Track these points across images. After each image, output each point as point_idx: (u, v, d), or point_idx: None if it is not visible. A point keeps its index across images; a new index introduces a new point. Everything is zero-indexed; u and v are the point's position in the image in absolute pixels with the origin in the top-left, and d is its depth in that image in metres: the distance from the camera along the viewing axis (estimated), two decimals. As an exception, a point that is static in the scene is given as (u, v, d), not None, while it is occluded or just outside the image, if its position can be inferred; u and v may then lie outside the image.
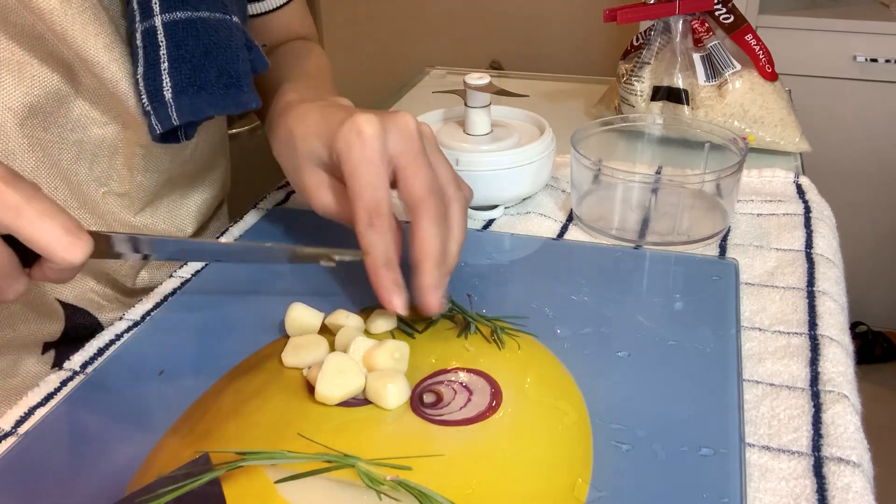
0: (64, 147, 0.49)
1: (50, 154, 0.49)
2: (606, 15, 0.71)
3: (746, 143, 0.55)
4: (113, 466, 0.35)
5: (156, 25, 0.47)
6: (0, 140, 0.46)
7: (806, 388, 0.39)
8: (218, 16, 0.49)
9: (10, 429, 0.38)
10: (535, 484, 0.33)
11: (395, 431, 0.36)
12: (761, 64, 0.69)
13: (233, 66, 0.48)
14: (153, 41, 0.46)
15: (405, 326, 0.44)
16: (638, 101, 0.72)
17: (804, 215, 0.55)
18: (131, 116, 0.49)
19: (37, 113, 0.47)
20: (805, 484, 0.33)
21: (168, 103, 0.47)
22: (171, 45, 0.47)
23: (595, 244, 0.53)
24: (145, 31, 0.47)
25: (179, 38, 0.47)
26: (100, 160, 0.52)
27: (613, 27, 0.76)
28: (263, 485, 0.33)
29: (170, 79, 0.47)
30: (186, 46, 0.47)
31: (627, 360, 0.41)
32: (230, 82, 0.48)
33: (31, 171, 0.48)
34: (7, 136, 0.46)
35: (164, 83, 0.46)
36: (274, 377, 0.40)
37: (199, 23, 0.47)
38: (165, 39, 0.46)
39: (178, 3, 0.47)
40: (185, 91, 0.47)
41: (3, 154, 0.47)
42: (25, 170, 0.48)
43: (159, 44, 0.46)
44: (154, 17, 0.47)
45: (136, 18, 0.47)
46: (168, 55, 0.46)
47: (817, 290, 0.46)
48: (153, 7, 0.46)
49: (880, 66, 1.61)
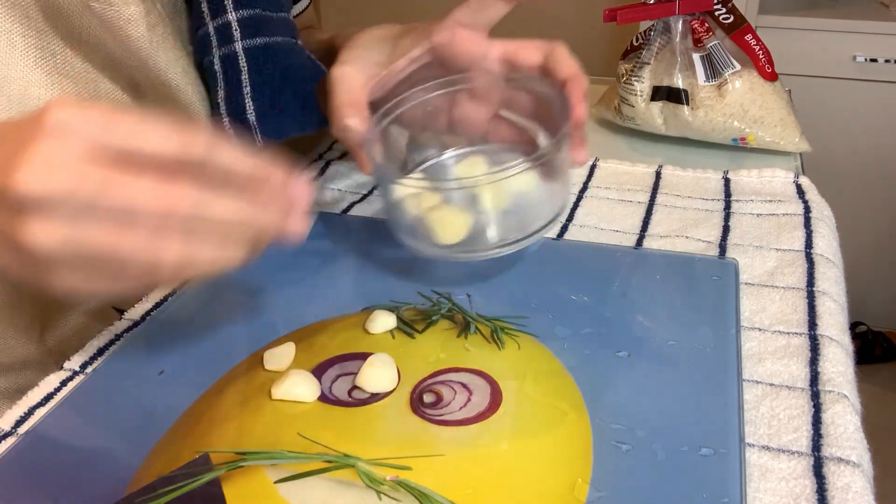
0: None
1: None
2: (606, 15, 0.71)
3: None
4: (113, 466, 0.35)
5: (237, 51, 0.50)
6: None
7: (806, 388, 0.39)
8: (288, 40, 0.52)
9: (10, 429, 0.38)
10: (535, 484, 0.33)
11: (395, 431, 0.36)
12: (761, 64, 0.69)
13: (306, 88, 0.51)
14: (234, 66, 0.50)
15: (405, 326, 0.44)
16: (638, 101, 0.72)
17: (804, 215, 0.55)
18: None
19: None
20: (805, 484, 0.33)
21: (252, 126, 0.50)
22: (252, 70, 0.50)
23: (595, 244, 0.53)
24: (225, 56, 0.50)
25: (260, 63, 0.50)
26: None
27: (613, 27, 0.76)
28: (263, 485, 0.33)
29: (252, 102, 0.50)
30: (266, 72, 0.50)
31: (627, 360, 0.41)
32: (305, 103, 0.51)
33: None
34: None
35: (248, 106, 0.50)
36: (274, 377, 0.40)
37: (275, 48, 0.51)
38: (247, 65, 0.50)
39: (257, 30, 0.50)
40: (267, 114, 0.50)
41: None
42: None
43: (241, 69, 0.50)
44: (235, 42, 0.50)
45: (213, 44, 0.50)
46: (250, 80, 0.50)
47: (817, 290, 0.46)
48: (234, 34, 0.50)
49: (880, 66, 1.61)
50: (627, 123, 0.75)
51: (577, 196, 0.61)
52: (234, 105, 0.49)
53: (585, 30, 1.92)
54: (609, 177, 0.65)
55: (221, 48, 0.49)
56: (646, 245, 0.53)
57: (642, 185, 0.63)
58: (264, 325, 0.45)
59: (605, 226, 0.56)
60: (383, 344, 0.42)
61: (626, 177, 0.64)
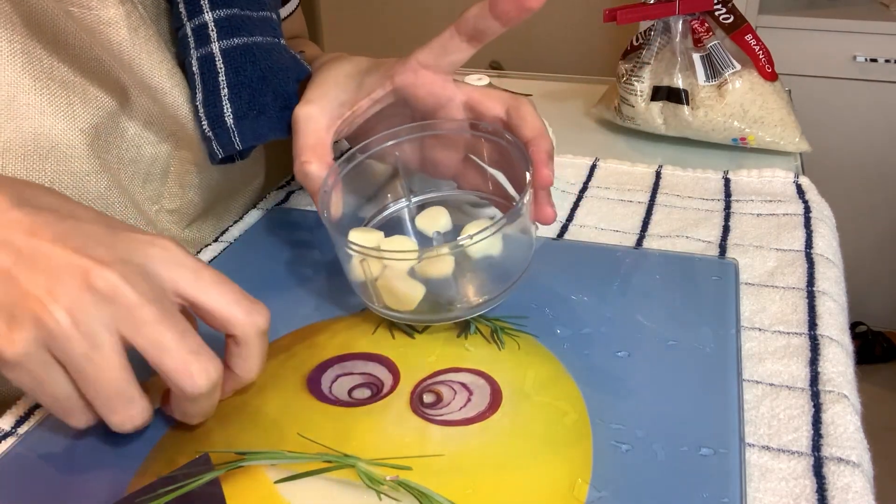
0: (122, 167, 0.50)
1: (115, 175, 0.49)
2: (606, 15, 0.71)
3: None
4: (113, 466, 0.35)
5: (213, 52, 0.48)
6: (75, 163, 0.46)
7: (806, 388, 0.39)
8: (269, 39, 0.50)
9: (9, 429, 0.38)
10: (535, 484, 0.33)
11: (395, 431, 0.36)
12: (761, 64, 0.69)
13: (287, 88, 0.49)
14: (211, 68, 0.48)
15: (405, 326, 0.44)
16: (638, 101, 0.72)
17: (804, 215, 0.55)
18: (188, 137, 0.50)
19: (100, 134, 0.47)
20: (805, 484, 0.33)
21: (230, 129, 0.48)
22: (229, 71, 0.48)
23: (595, 244, 0.53)
24: (202, 57, 0.48)
25: (238, 64, 0.48)
26: (153, 179, 0.52)
27: (613, 27, 0.76)
28: (263, 485, 0.33)
29: (230, 105, 0.48)
30: (245, 73, 0.48)
31: (627, 360, 0.41)
32: (285, 104, 0.49)
33: (104, 193, 0.48)
34: (80, 158, 0.46)
35: (226, 109, 0.48)
36: (274, 377, 0.40)
37: (254, 48, 0.49)
38: (224, 66, 0.48)
39: (234, 30, 0.48)
40: (245, 116, 0.48)
41: (77, 177, 0.47)
42: (98, 192, 0.48)
43: (217, 70, 0.48)
44: (211, 43, 0.48)
45: (191, 45, 0.48)
46: (227, 81, 0.48)
47: (817, 290, 0.46)
48: (210, 34, 0.48)
49: (880, 66, 1.61)
50: (627, 123, 0.75)
51: (576, 196, 0.61)
52: (212, 108, 0.48)
53: (585, 30, 1.93)
54: (609, 177, 0.65)
55: (199, 49, 0.48)
56: (646, 245, 0.53)
57: (642, 185, 0.63)
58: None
59: (605, 226, 0.56)
60: (383, 344, 0.42)
61: (626, 177, 0.64)
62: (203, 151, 0.50)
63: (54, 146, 0.45)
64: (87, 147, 0.46)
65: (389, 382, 0.39)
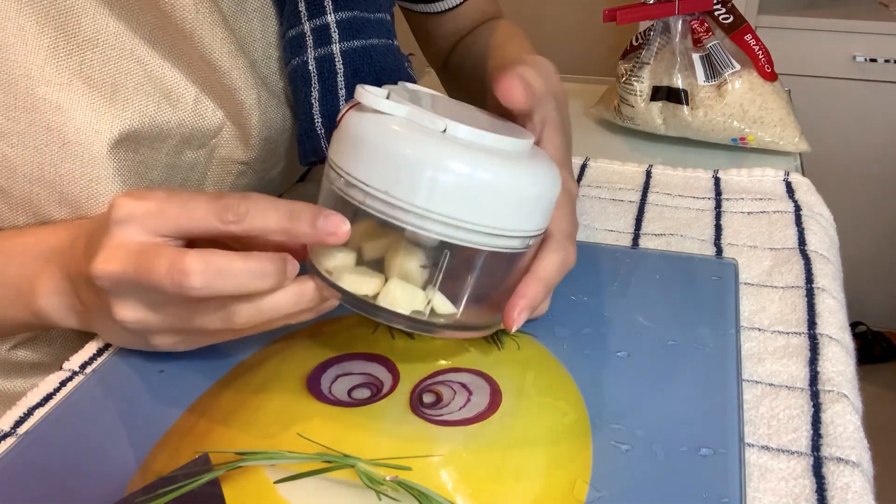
0: (152, 169, 0.49)
1: (138, 175, 0.48)
2: (606, 15, 0.71)
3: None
4: (113, 466, 0.35)
5: (333, 53, 0.50)
6: (89, 166, 0.45)
7: (805, 387, 0.39)
8: (385, 41, 0.52)
9: (9, 429, 0.38)
10: (534, 484, 0.33)
11: (394, 431, 0.36)
12: (761, 64, 0.69)
13: None
14: (330, 68, 0.50)
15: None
16: (637, 101, 0.72)
17: (794, 213, 0.55)
18: (241, 132, 0.51)
19: (130, 138, 0.46)
20: (804, 484, 0.33)
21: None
22: (348, 72, 0.50)
23: (594, 244, 0.53)
24: (320, 57, 0.50)
25: (356, 65, 0.50)
26: (189, 183, 0.52)
27: (613, 27, 0.76)
28: (263, 485, 0.33)
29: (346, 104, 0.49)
30: (362, 74, 0.50)
31: (627, 360, 0.41)
32: None
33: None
34: (95, 161, 0.45)
35: (342, 108, 0.49)
36: (274, 377, 0.40)
37: (372, 51, 0.51)
38: (343, 67, 0.50)
39: (355, 32, 0.50)
40: None
41: (89, 180, 0.45)
42: (112, 194, 0.46)
43: (336, 71, 0.50)
44: (332, 44, 0.50)
45: (309, 45, 0.50)
46: (345, 82, 0.50)
47: (816, 287, 0.46)
48: (332, 35, 0.50)
49: (880, 66, 1.61)
50: (627, 123, 0.75)
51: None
52: (329, 107, 0.50)
53: (585, 30, 1.92)
54: (600, 176, 0.64)
55: (317, 49, 0.50)
56: (642, 244, 0.53)
57: (633, 184, 0.62)
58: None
59: (599, 225, 0.56)
60: (383, 344, 0.42)
61: (617, 176, 0.64)
62: (248, 146, 0.51)
63: (66, 143, 0.44)
64: (106, 151, 0.45)
65: (389, 382, 0.39)
